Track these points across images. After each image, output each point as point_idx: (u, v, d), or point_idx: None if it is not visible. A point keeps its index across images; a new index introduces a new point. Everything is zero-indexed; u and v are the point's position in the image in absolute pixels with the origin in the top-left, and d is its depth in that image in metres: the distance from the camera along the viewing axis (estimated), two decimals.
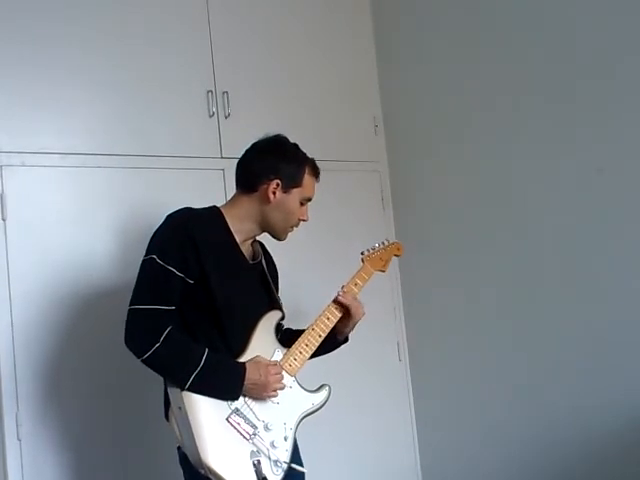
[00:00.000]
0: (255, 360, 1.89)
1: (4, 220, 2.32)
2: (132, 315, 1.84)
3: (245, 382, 1.85)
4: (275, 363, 1.93)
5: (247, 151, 2.07)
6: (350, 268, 2.20)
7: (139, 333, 1.82)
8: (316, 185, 2.09)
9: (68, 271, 2.41)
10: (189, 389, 1.79)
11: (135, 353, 1.81)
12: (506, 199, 2.85)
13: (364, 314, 2.10)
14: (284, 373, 1.94)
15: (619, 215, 2.48)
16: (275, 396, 1.90)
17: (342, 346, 2.17)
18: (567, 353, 2.64)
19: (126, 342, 1.83)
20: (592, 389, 2.56)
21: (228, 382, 1.85)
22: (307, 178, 2.03)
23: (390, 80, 3.34)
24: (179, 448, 1.87)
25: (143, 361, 1.81)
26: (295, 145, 2.07)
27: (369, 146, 3.31)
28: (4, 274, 2.29)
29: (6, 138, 2.35)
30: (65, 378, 2.37)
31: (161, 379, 1.89)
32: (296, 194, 2.01)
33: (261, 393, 1.88)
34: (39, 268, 2.36)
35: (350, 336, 2.17)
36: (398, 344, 3.27)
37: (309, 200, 2.07)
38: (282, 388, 1.92)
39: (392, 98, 3.33)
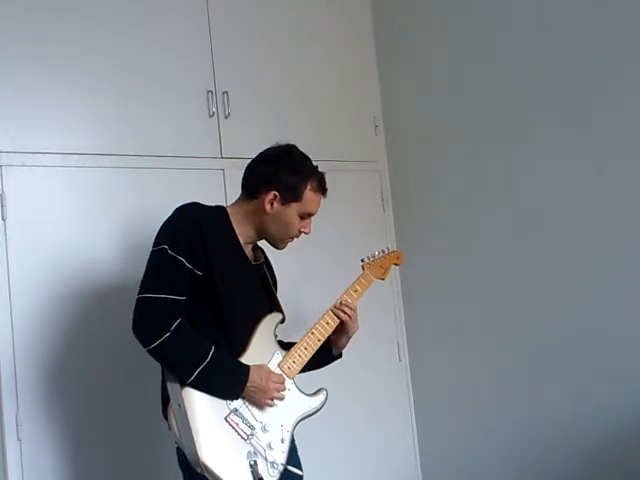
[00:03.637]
0: (260, 365, 1.90)
1: (4, 220, 2.32)
2: (141, 304, 1.82)
3: (247, 384, 1.85)
4: (280, 374, 1.93)
5: (255, 157, 2.06)
6: (350, 268, 2.20)
7: (148, 321, 1.81)
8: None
9: (68, 271, 2.41)
10: (192, 384, 1.79)
11: (142, 342, 1.80)
12: (506, 199, 2.85)
13: (358, 328, 2.10)
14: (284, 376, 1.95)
15: (619, 215, 2.48)
16: (272, 405, 1.90)
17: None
18: (567, 353, 2.64)
19: (134, 331, 1.81)
20: (592, 390, 2.56)
21: (231, 381, 1.86)
22: (309, 194, 1.98)
23: (390, 80, 3.34)
24: (178, 449, 1.87)
25: (150, 350, 1.79)
26: (303, 157, 2.02)
27: (369, 146, 3.31)
28: (4, 274, 2.29)
29: (6, 138, 2.35)
30: (65, 378, 2.37)
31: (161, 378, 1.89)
32: (295, 208, 1.98)
33: (260, 398, 1.88)
34: (39, 268, 2.36)
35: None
36: (398, 344, 3.27)
37: (310, 215, 2.03)
38: (281, 398, 1.92)
39: (392, 98, 3.33)
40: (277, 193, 1.95)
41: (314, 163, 2.03)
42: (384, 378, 3.19)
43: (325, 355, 2.10)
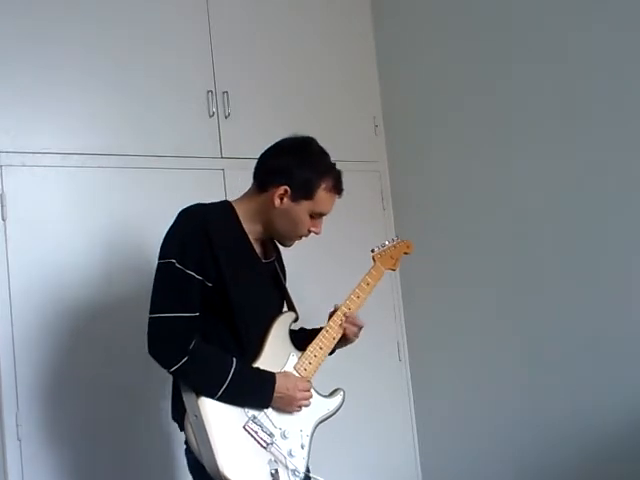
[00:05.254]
0: (286, 373, 1.86)
1: (4, 220, 2.32)
2: (154, 324, 1.74)
3: (274, 394, 1.80)
4: (306, 380, 1.88)
5: (270, 146, 1.94)
6: (350, 268, 2.20)
7: (164, 343, 1.74)
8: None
9: (68, 271, 2.41)
10: (220, 399, 1.74)
11: (161, 364, 1.74)
12: (506, 199, 2.85)
13: (357, 338, 2.06)
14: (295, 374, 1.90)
15: (619, 215, 2.48)
16: (299, 411, 1.86)
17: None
18: (567, 353, 2.64)
19: (150, 351, 1.74)
20: (592, 390, 2.56)
21: (259, 392, 1.81)
22: (322, 193, 1.86)
23: (390, 80, 3.34)
24: (187, 452, 1.82)
25: (170, 372, 1.75)
26: (322, 152, 1.91)
27: (369, 146, 3.31)
28: (4, 274, 2.29)
29: (6, 138, 2.35)
30: (65, 378, 2.37)
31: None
32: (305, 206, 1.86)
33: (286, 406, 1.83)
34: (39, 268, 2.36)
35: None
36: (398, 344, 3.27)
37: (322, 215, 1.92)
38: (308, 405, 1.88)
39: (392, 98, 3.33)
40: (288, 188, 1.83)
41: (332, 160, 1.92)
42: (384, 378, 3.19)
43: None
